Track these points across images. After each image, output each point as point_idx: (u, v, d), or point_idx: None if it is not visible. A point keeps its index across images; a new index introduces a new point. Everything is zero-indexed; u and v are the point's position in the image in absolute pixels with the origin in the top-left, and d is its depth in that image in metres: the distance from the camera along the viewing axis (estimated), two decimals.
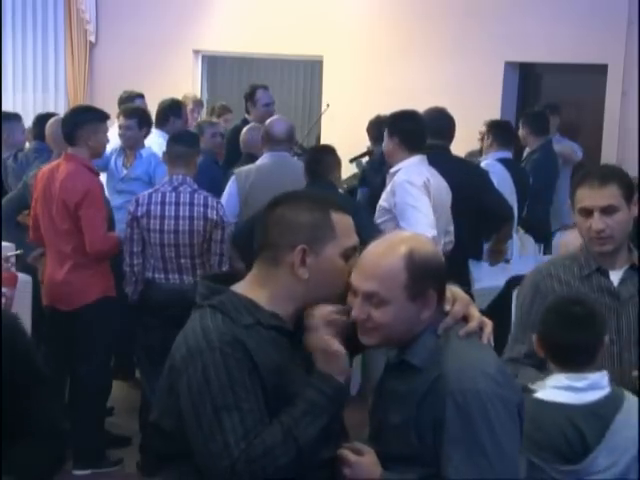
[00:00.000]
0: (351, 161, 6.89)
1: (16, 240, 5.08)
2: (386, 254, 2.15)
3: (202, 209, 4.78)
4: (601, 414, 2.71)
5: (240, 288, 2.18)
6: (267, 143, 5.54)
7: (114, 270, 4.96)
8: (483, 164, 5.98)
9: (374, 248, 2.18)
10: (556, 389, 2.75)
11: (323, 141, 8.19)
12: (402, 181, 4.72)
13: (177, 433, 2.11)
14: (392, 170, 4.86)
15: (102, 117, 4.97)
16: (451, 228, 4.89)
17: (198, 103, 8.00)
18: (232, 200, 5.32)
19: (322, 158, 5.04)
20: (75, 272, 4.80)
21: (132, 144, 5.97)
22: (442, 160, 5.02)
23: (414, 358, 2.17)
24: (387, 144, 4.91)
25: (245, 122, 6.89)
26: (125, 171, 5.96)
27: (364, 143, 6.94)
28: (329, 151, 5.13)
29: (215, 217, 4.79)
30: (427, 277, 2.14)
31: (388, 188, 4.82)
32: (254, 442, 2.00)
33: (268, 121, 5.75)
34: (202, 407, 2.03)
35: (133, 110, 6.14)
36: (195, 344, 2.07)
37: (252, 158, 5.90)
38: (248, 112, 7.04)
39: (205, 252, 4.85)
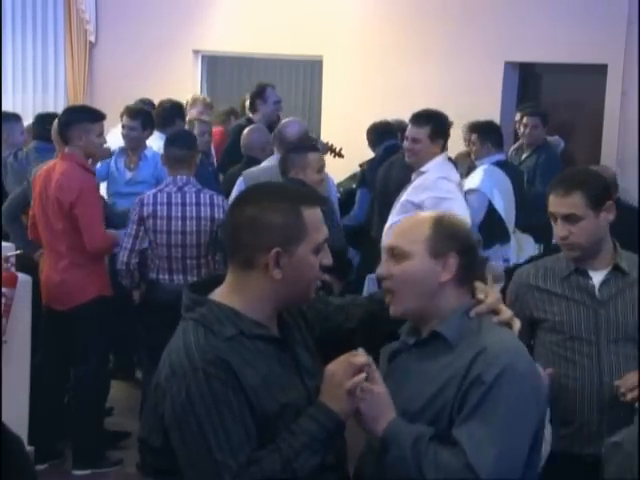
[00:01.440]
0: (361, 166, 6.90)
1: (22, 238, 5.09)
2: (415, 217, 2.31)
3: (209, 208, 4.79)
4: None
5: (219, 296, 2.15)
6: (280, 144, 5.53)
7: (110, 269, 4.97)
8: (481, 169, 5.97)
9: (408, 217, 2.32)
10: None
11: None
12: (437, 178, 4.85)
13: (165, 450, 2.09)
14: (423, 168, 4.95)
15: (94, 117, 4.92)
16: None
17: (208, 106, 7.96)
18: None
19: (286, 156, 5.03)
20: (71, 271, 4.80)
21: (135, 145, 5.98)
22: None
23: (447, 331, 2.18)
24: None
25: (249, 121, 6.88)
26: (130, 173, 5.94)
27: (364, 143, 6.94)
28: (295, 149, 5.10)
29: (222, 215, 4.80)
30: (450, 237, 2.20)
31: (417, 183, 4.89)
32: (251, 469, 1.98)
33: (282, 122, 5.77)
34: (187, 428, 2.01)
35: (138, 111, 6.14)
36: (178, 363, 2.05)
37: (253, 161, 5.89)
38: (254, 111, 7.02)
39: (211, 251, 4.86)
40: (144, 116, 6.05)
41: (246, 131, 6.32)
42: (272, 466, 1.99)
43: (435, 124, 5.02)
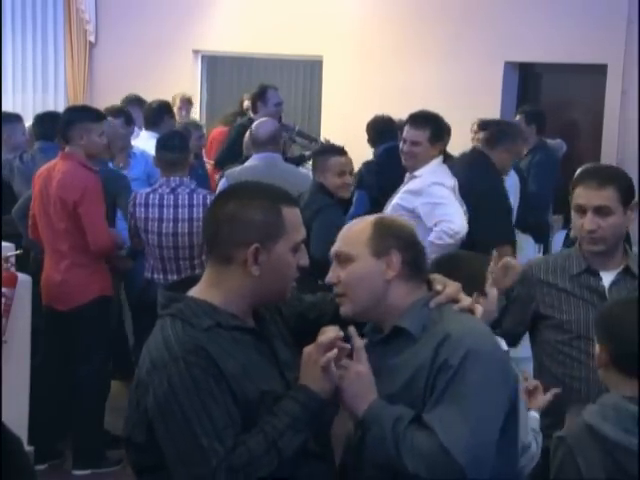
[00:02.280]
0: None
1: (29, 239, 5.09)
2: (357, 222, 2.36)
3: (202, 209, 4.78)
4: None
5: (196, 292, 2.19)
6: (253, 145, 5.59)
7: (111, 269, 4.97)
8: None
9: (351, 223, 2.37)
10: None
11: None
12: (431, 183, 4.77)
13: (148, 446, 2.11)
14: (416, 172, 4.89)
15: (95, 117, 4.93)
16: None
17: (186, 102, 8.01)
18: None
19: (313, 158, 5.05)
20: (72, 271, 4.80)
21: (122, 144, 5.98)
22: None
23: (408, 324, 2.22)
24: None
25: (251, 121, 6.87)
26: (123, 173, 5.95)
27: (364, 143, 6.94)
28: (319, 152, 5.11)
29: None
30: (391, 236, 2.26)
31: (410, 188, 4.85)
32: (238, 450, 2.00)
33: (255, 124, 5.77)
34: (171, 417, 2.02)
35: (119, 110, 6.19)
36: (158, 356, 2.08)
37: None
38: (255, 111, 7.03)
39: (205, 252, 4.85)
40: (126, 114, 6.17)
41: (249, 132, 6.32)
42: (257, 447, 2.02)
43: (435, 126, 4.91)
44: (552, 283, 3.16)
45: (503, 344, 2.94)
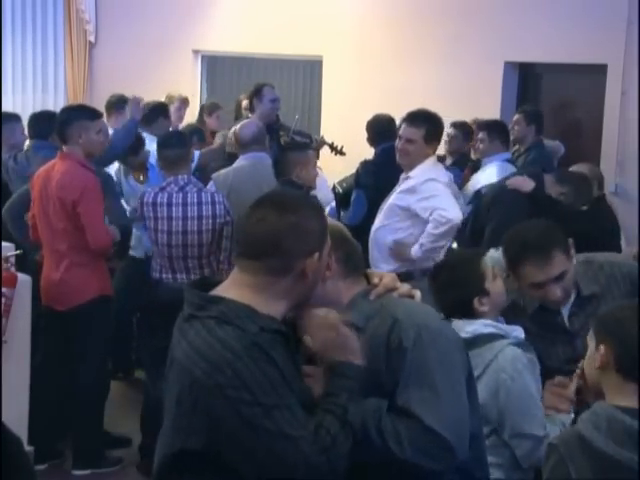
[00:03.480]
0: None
1: (25, 237, 5.08)
2: None
3: (210, 207, 4.81)
4: None
5: (233, 294, 2.14)
6: (238, 146, 5.63)
7: (110, 269, 4.98)
8: (494, 165, 5.99)
9: None
10: None
11: None
12: (424, 181, 4.83)
13: (206, 450, 2.08)
14: (410, 173, 4.93)
15: (92, 115, 4.94)
16: None
17: (184, 101, 8.03)
18: None
19: (282, 156, 5.08)
20: (71, 271, 4.80)
21: (140, 159, 6.03)
22: None
23: (354, 318, 2.25)
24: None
25: None
26: (143, 187, 5.90)
27: (363, 142, 6.93)
28: (292, 148, 5.16)
29: (223, 213, 4.83)
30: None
31: (404, 187, 4.90)
32: (320, 432, 2.04)
33: (238, 125, 5.81)
34: (250, 413, 2.01)
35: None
36: (217, 356, 2.04)
37: (232, 158, 5.92)
38: (252, 110, 7.04)
39: (214, 251, 4.86)
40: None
41: (233, 129, 6.33)
42: (334, 425, 2.06)
43: (431, 126, 4.94)
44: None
45: (520, 331, 2.95)
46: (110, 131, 5.70)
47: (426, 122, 4.93)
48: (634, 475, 2.12)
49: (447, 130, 6.89)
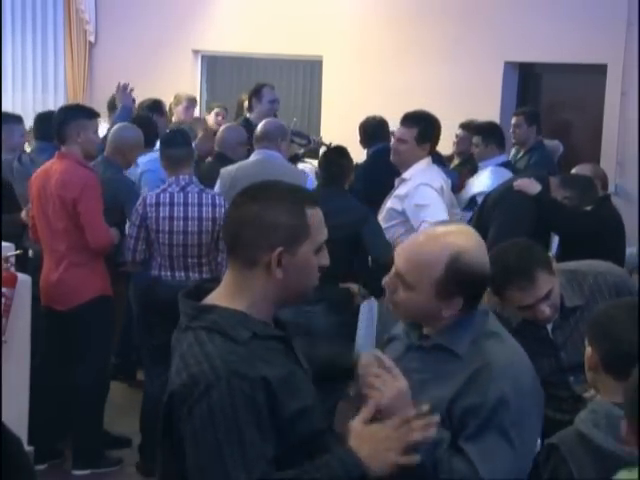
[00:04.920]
0: None
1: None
2: (432, 248, 2.24)
3: (210, 209, 4.81)
4: None
5: (221, 300, 2.11)
6: (256, 144, 5.63)
7: (109, 269, 4.97)
8: (488, 171, 5.97)
9: (424, 235, 2.31)
10: None
11: None
12: (418, 184, 4.82)
13: (174, 452, 2.07)
14: (405, 175, 4.92)
15: (90, 114, 4.95)
16: None
17: (192, 101, 8.04)
18: None
19: (340, 162, 4.98)
20: (71, 271, 4.80)
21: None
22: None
23: (456, 347, 2.22)
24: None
25: (247, 121, 6.88)
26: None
27: None
28: (345, 154, 5.09)
29: (223, 216, 4.82)
30: (461, 282, 2.21)
31: (399, 192, 4.89)
32: None
33: (262, 123, 5.80)
34: (203, 438, 1.98)
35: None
36: (199, 371, 1.99)
37: (224, 159, 5.90)
38: (251, 110, 7.04)
39: (212, 251, 4.87)
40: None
41: (222, 128, 6.35)
42: None
43: (423, 126, 4.95)
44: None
45: None
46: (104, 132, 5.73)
47: (419, 122, 4.96)
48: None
49: (456, 131, 6.90)
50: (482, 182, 5.84)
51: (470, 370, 2.15)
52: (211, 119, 7.89)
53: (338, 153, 5.13)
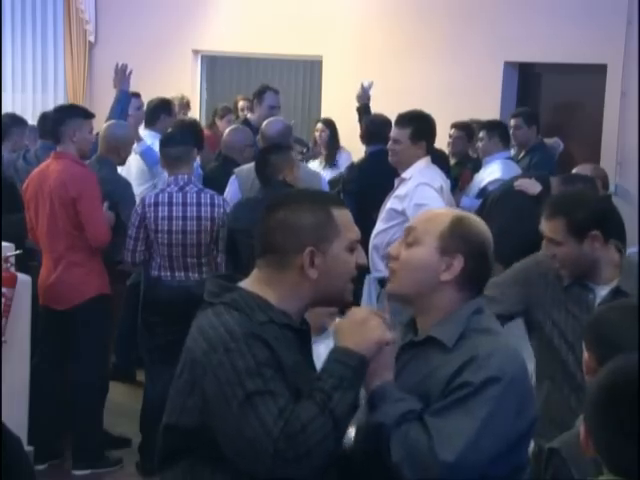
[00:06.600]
0: None
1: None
2: (442, 209, 2.46)
3: (209, 208, 4.82)
4: None
5: (249, 286, 2.19)
6: (263, 143, 5.60)
7: (108, 268, 4.97)
8: (498, 162, 6.01)
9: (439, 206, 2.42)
10: None
11: None
12: (417, 184, 4.84)
13: (199, 429, 2.09)
14: (404, 175, 4.93)
15: (85, 114, 4.99)
16: None
17: (184, 105, 8.00)
18: (237, 197, 5.29)
19: (268, 158, 4.93)
20: (69, 271, 4.81)
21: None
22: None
23: (447, 339, 2.21)
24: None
25: (246, 122, 6.87)
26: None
27: None
28: (275, 150, 5.03)
29: (222, 215, 4.82)
30: (462, 239, 2.25)
31: (399, 192, 4.90)
32: (290, 419, 2.00)
33: (266, 121, 5.79)
34: (233, 396, 2.01)
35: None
36: (217, 337, 2.06)
37: (230, 161, 5.87)
38: (252, 110, 7.03)
39: (212, 251, 4.87)
40: None
41: (227, 130, 6.31)
42: (308, 412, 2.01)
43: (417, 126, 4.98)
44: (553, 289, 3.15)
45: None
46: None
47: (412, 122, 4.99)
48: None
49: (449, 132, 6.90)
50: (493, 172, 5.90)
51: (458, 362, 2.15)
52: (222, 126, 7.73)
53: (267, 151, 5.08)
